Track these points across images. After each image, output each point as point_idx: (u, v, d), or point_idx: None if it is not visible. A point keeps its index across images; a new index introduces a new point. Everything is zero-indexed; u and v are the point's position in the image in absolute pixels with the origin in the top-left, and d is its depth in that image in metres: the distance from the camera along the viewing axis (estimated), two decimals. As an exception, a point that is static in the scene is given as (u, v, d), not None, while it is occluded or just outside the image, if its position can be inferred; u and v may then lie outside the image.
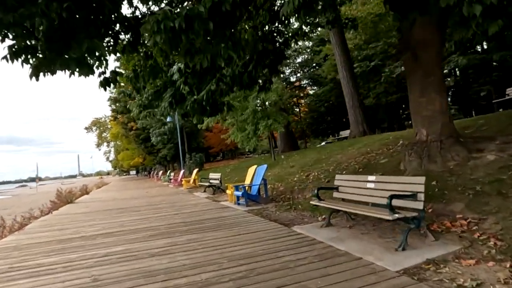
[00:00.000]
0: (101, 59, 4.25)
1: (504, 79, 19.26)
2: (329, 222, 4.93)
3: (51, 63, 3.38)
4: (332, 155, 10.76)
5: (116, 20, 4.03)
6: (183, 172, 21.26)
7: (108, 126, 57.51)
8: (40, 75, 3.59)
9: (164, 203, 10.06)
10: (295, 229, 4.94)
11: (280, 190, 9.06)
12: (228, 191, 9.11)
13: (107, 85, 4.67)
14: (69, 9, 3.11)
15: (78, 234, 5.96)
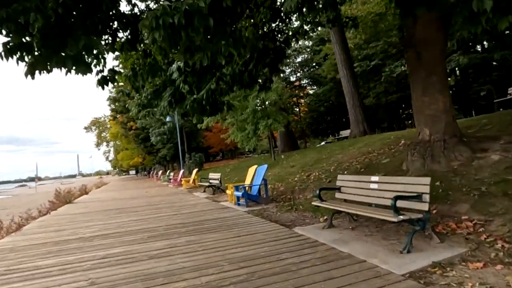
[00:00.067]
0: (99, 57, 4.16)
1: (504, 79, 19.20)
2: (331, 223, 4.84)
3: (46, 60, 3.29)
4: (332, 154, 10.68)
5: (114, 17, 3.93)
6: (182, 172, 21.17)
7: (108, 125, 57.38)
8: (35, 73, 3.50)
9: (164, 203, 9.97)
10: (296, 231, 4.86)
11: (281, 190, 8.98)
12: (228, 191, 9.03)
13: (105, 84, 4.58)
14: (65, 5, 3.02)
15: (76, 236, 5.87)
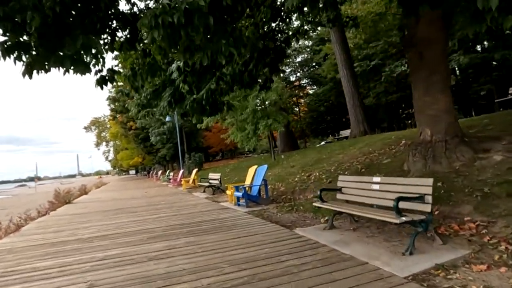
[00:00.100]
0: (98, 56, 4.12)
1: (505, 79, 19.18)
2: (332, 224, 4.80)
3: (44, 60, 3.25)
4: (333, 155, 10.64)
5: (113, 16, 3.89)
6: (182, 172, 21.12)
7: (107, 125, 57.30)
8: (33, 73, 3.45)
9: (163, 204, 9.92)
10: (297, 232, 4.81)
11: (281, 191, 8.94)
12: (228, 191, 8.98)
13: (104, 84, 4.53)
14: (63, 4, 2.98)
15: (75, 236, 5.83)
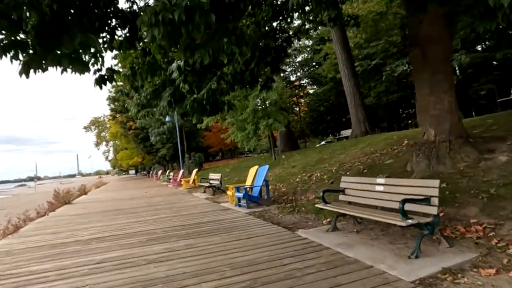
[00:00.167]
0: (97, 55, 4.05)
1: (506, 78, 19.10)
2: (335, 226, 4.72)
3: (41, 59, 3.17)
4: (334, 155, 10.57)
5: (112, 14, 3.81)
6: (182, 172, 21.04)
7: (107, 125, 57.21)
8: (30, 72, 3.37)
9: (163, 204, 9.84)
10: (299, 233, 4.74)
11: (282, 191, 8.86)
12: (229, 192, 8.91)
13: (103, 83, 4.45)
14: (61, 1, 2.90)
15: (74, 238, 5.75)
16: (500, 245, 3.30)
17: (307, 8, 5.33)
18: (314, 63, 32.08)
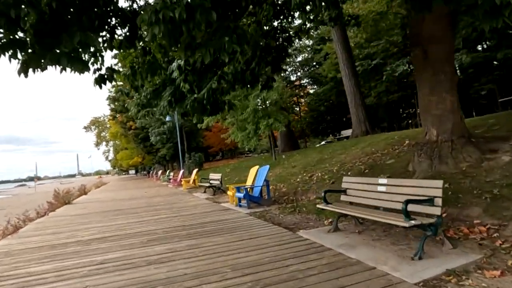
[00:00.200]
0: (96, 54, 4.01)
1: (506, 78, 19.06)
2: (336, 227, 4.68)
3: (40, 58, 3.13)
4: (335, 155, 10.53)
5: (112, 13, 3.77)
6: (182, 172, 21.00)
7: (107, 125, 57.18)
8: (29, 71, 3.34)
9: (163, 204, 9.81)
10: (301, 234, 4.70)
11: (283, 191, 8.82)
12: (229, 192, 8.87)
13: (103, 83, 4.41)
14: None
15: (74, 239, 5.71)
16: (504, 246, 3.26)
17: (308, 7, 5.29)
18: (315, 63, 32.04)
